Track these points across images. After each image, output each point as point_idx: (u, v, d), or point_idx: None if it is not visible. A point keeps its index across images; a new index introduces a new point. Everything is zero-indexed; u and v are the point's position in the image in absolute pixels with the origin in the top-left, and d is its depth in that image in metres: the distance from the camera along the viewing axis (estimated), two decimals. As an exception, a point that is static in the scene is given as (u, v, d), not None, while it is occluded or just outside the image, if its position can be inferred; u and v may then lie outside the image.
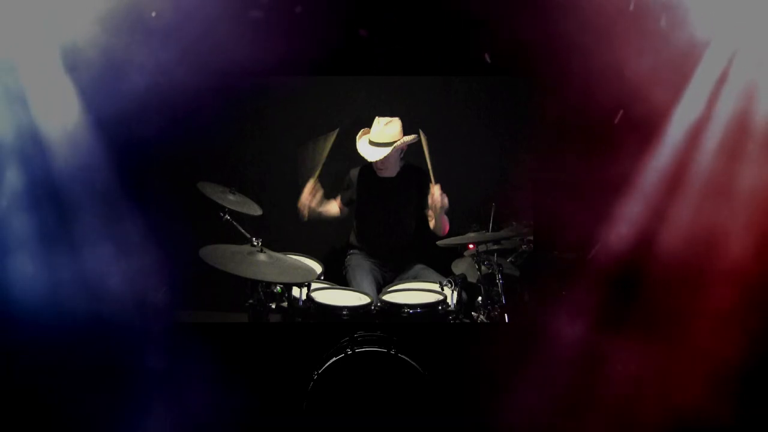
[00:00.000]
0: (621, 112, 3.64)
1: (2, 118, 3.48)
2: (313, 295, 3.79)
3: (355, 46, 3.82)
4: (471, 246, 4.20)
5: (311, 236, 4.41)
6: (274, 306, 3.79)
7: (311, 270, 3.80)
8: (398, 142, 4.17)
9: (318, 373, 3.20)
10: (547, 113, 3.94)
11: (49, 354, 3.52)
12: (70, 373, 3.55)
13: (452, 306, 3.81)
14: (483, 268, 3.92)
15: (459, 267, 4.16)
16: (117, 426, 3.54)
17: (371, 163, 4.21)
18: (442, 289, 3.88)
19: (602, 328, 3.66)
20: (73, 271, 3.60)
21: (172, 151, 3.87)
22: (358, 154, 4.21)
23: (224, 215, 4.00)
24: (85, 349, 3.55)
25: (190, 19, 3.52)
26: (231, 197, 4.10)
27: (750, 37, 3.47)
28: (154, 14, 3.44)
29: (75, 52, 3.49)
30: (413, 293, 3.94)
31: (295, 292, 3.78)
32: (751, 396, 3.50)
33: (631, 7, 3.51)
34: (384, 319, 3.77)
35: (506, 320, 3.81)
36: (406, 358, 3.21)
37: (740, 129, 3.52)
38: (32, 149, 3.53)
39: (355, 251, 4.42)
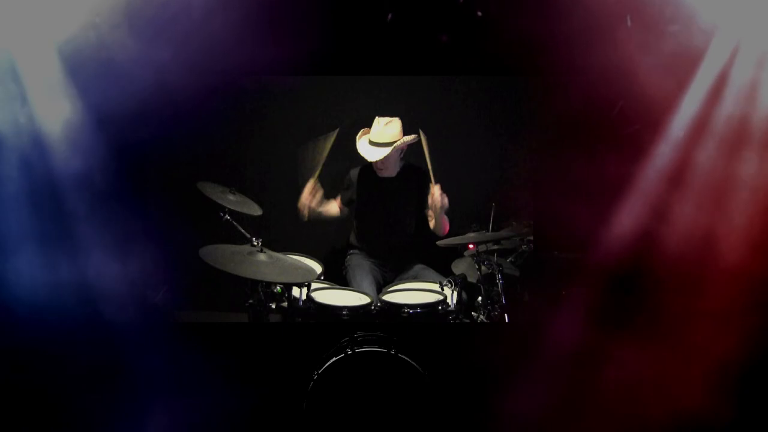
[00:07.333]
0: (620, 103, 3.64)
1: (2, 117, 3.48)
2: (313, 295, 3.79)
3: (354, 46, 3.82)
4: (471, 246, 4.20)
5: (311, 236, 4.41)
6: (274, 306, 3.79)
7: (311, 270, 3.80)
8: (398, 142, 4.17)
9: (318, 373, 3.20)
10: (547, 113, 3.94)
11: (49, 354, 3.51)
12: (70, 373, 3.54)
13: (452, 306, 3.81)
14: (483, 268, 3.92)
15: (459, 267, 4.16)
16: (117, 426, 3.54)
17: (371, 163, 4.21)
18: (442, 289, 3.87)
19: (602, 328, 3.65)
20: (73, 271, 3.60)
21: (172, 151, 3.87)
22: (358, 154, 4.21)
23: (224, 215, 4.00)
24: (85, 349, 3.55)
25: (191, 18, 3.51)
26: (231, 197, 4.10)
27: (752, 36, 3.47)
28: None
29: (75, 52, 3.49)
30: (413, 293, 3.94)
31: (295, 292, 3.78)
32: (751, 396, 3.50)
33: (633, 6, 3.51)
34: (384, 319, 3.77)
35: (506, 320, 3.81)
36: (406, 358, 3.20)
37: (741, 128, 3.52)
38: (32, 149, 3.53)
39: (355, 251, 4.42)
